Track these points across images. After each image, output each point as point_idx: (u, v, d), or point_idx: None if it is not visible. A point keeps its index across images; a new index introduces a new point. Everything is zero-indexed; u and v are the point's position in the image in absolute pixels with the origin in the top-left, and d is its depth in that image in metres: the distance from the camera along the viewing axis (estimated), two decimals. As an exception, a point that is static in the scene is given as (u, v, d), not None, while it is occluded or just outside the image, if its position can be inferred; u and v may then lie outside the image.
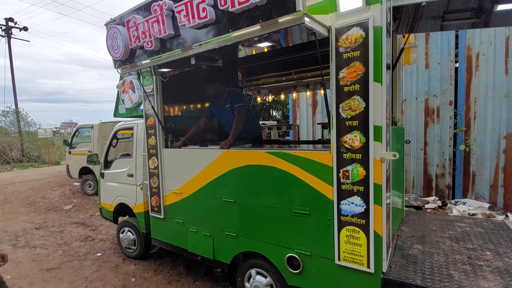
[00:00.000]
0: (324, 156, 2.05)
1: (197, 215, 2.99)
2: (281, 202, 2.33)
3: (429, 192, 5.76)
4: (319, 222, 2.13)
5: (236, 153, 2.60)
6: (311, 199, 2.16)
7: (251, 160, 2.47)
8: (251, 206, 2.53)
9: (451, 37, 5.38)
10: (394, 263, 2.12)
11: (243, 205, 2.58)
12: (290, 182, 2.24)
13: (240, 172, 2.56)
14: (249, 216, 2.56)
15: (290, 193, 2.28)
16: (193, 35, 2.16)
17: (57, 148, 16.42)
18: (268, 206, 2.41)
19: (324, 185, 2.07)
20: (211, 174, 2.77)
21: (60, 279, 3.48)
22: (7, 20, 16.11)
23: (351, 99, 1.89)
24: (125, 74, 3.32)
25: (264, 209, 2.44)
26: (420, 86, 5.72)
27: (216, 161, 2.72)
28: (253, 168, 2.46)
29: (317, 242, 2.16)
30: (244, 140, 3.30)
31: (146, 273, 3.54)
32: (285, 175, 2.26)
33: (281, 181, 2.30)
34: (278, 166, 2.29)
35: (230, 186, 2.66)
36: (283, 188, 2.31)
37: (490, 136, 5.15)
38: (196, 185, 2.91)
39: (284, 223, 2.32)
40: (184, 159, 3.07)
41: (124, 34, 2.56)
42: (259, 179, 2.45)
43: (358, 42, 1.82)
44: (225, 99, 3.35)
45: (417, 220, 3.06)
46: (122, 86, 3.83)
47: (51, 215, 6.24)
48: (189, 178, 2.97)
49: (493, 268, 2.00)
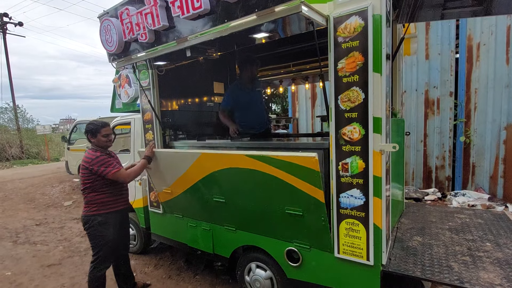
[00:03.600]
0: (309, 160, 1.84)
1: (193, 211, 2.97)
2: (271, 203, 2.24)
3: (428, 184, 5.76)
4: (314, 221, 2.08)
5: (214, 156, 2.43)
6: (302, 201, 2.04)
7: (233, 163, 2.30)
8: (242, 205, 2.46)
9: (452, 27, 5.31)
10: (394, 255, 2.11)
11: (235, 205, 2.52)
12: (276, 185, 2.09)
13: (224, 174, 2.41)
14: (243, 214, 2.52)
15: (278, 195, 2.17)
16: (188, 26, 2.11)
17: (56, 144, 16.39)
18: (260, 206, 2.34)
19: (313, 189, 1.93)
20: (195, 176, 2.63)
21: (60, 274, 3.49)
22: (2, 15, 15.87)
23: (350, 91, 1.85)
24: (120, 68, 3.27)
25: (257, 208, 2.37)
26: (420, 78, 5.66)
27: (196, 164, 2.57)
28: (236, 170, 2.29)
29: (315, 237, 2.15)
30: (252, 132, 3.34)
31: (146, 268, 3.55)
32: (270, 178, 2.09)
33: (267, 184, 2.16)
34: (262, 169, 2.10)
35: (216, 187, 2.57)
36: (271, 190, 2.19)
37: (490, 127, 5.12)
38: (183, 185, 2.80)
39: (280, 221, 2.27)
40: (166, 162, 2.89)
41: (117, 27, 2.50)
42: (244, 181, 2.33)
43: (357, 31, 1.77)
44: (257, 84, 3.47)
45: (416, 212, 3.05)
46: (118, 81, 3.78)
47: (51, 211, 6.24)
48: (174, 179, 2.84)
49: (493, 259, 2.00)
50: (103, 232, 2.54)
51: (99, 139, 2.55)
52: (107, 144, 2.60)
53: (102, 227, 2.54)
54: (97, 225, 2.52)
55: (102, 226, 2.54)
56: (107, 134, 2.57)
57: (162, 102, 3.28)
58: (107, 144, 2.60)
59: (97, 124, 2.57)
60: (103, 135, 2.55)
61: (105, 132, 2.56)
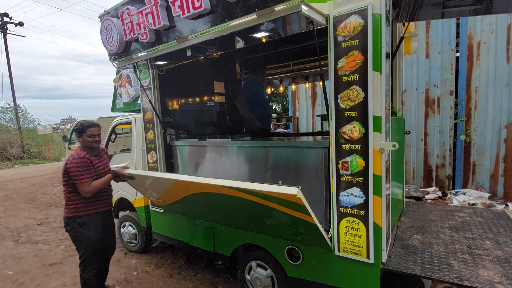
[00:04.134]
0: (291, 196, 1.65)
1: (191, 213, 2.99)
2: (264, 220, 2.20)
3: (429, 183, 5.76)
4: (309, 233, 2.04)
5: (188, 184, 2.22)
6: (293, 221, 1.95)
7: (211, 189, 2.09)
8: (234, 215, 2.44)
9: (452, 25, 5.30)
10: (394, 253, 2.12)
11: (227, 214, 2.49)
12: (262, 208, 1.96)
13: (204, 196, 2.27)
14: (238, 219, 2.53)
15: (268, 216, 2.09)
16: (188, 26, 2.12)
17: (57, 144, 16.44)
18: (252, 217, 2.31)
19: (302, 215, 1.81)
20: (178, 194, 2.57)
21: (62, 273, 3.51)
22: (2, 16, 15.90)
23: (350, 89, 1.86)
24: (121, 68, 3.28)
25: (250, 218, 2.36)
26: (421, 76, 5.66)
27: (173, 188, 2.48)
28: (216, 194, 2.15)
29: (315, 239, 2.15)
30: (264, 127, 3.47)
31: (147, 267, 3.56)
32: (253, 203, 1.95)
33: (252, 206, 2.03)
34: (243, 197, 1.95)
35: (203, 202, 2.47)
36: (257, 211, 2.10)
37: (490, 126, 5.12)
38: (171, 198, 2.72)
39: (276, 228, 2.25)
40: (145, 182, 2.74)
41: (118, 27, 2.51)
42: (226, 202, 2.21)
43: (356, 30, 1.78)
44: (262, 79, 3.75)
45: (417, 211, 3.06)
46: (119, 80, 3.79)
47: (52, 211, 6.26)
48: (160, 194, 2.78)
49: (493, 257, 2.00)
50: (85, 234, 2.48)
51: (84, 139, 2.50)
52: (92, 144, 2.52)
53: (83, 228, 2.48)
54: (78, 226, 2.47)
55: (83, 227, 2.48)
56: (92, 135, 2.50)
57: (163, 101, 3.29)
58: (92, 144, 2.52)
59: (84, 124, 2.51)
60: (88, 135, 2.49)
61: (90, 133, 2.49)
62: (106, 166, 2.66)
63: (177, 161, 3.31)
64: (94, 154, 2.56)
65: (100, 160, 2.61)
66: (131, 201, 3.77)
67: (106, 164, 2.67)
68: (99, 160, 2.58)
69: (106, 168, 2.63)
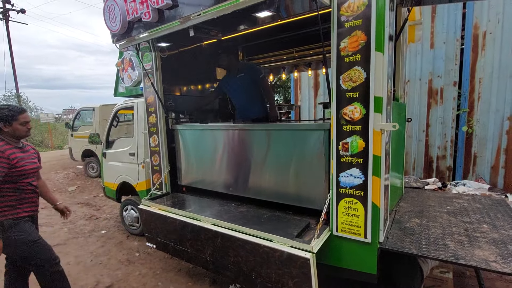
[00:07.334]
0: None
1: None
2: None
3: (429, 173, 5.77)
4: None
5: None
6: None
7: None
8: None
9: (458, 14, 5.23)
10: (391, 234, 2.15)
11: None
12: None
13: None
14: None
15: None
16: (191, 4, 2.11)
17: (60, 133, 16.52)
18: None
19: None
20: None
21: (66, 253, 3.59)
22: (4, 2, 15.79)
23: (352, 70, 1.86)
24: (124, 50, 3.28)
25: None
26: (424, 67, 5.61)
27: None
28: None
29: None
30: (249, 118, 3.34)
31: (149, 249, 3.63)
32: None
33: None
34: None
35: None
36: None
37: (493, 117, 5.10)
38: None
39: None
40: None
41: (121, 6, 2.50)
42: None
43: (360, 10, 1.77)
44: (239, 70, 3.45)
45: (416, 197, 3.08)
46: (121, 64, 3.78)
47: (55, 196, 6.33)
48: None
49: (489, 239, 2.03)
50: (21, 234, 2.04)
51: (16, 128, 2.02)
52: (27, 134, 2.10)
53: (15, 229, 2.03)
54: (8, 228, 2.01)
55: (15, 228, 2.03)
56: (26, 121, 2.07)
57: (165, 86, 3.30)
58: (27, 134, 2.10)
59: (12, 110, 2.03)
60: (21, 122, 2.04)
61: (24, 119, 2.05)
62: (34, 162, 2.16)
63: (179, 145, 3.34)
64: (17, 146, 2.07)
65: (27, 155, 2.11)
66: (133, 185, 3.82)
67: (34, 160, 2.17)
68: (24, 154, 2.08)
69: (34, 165, 2.14)
